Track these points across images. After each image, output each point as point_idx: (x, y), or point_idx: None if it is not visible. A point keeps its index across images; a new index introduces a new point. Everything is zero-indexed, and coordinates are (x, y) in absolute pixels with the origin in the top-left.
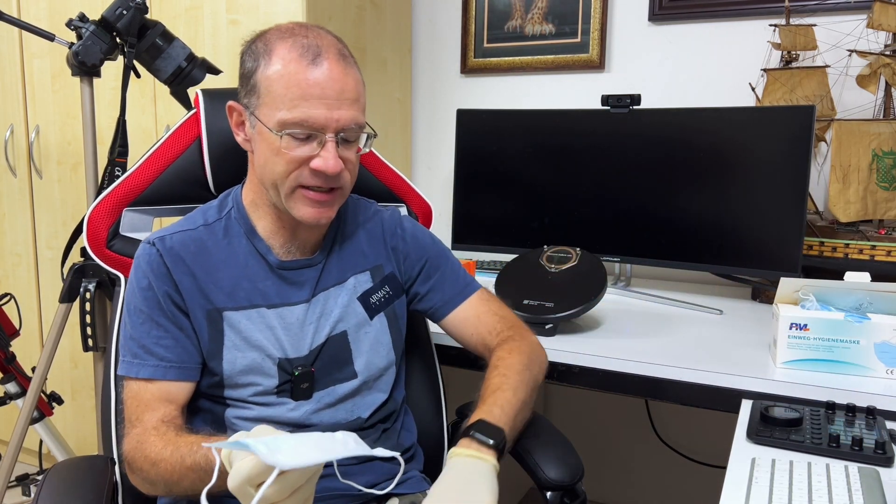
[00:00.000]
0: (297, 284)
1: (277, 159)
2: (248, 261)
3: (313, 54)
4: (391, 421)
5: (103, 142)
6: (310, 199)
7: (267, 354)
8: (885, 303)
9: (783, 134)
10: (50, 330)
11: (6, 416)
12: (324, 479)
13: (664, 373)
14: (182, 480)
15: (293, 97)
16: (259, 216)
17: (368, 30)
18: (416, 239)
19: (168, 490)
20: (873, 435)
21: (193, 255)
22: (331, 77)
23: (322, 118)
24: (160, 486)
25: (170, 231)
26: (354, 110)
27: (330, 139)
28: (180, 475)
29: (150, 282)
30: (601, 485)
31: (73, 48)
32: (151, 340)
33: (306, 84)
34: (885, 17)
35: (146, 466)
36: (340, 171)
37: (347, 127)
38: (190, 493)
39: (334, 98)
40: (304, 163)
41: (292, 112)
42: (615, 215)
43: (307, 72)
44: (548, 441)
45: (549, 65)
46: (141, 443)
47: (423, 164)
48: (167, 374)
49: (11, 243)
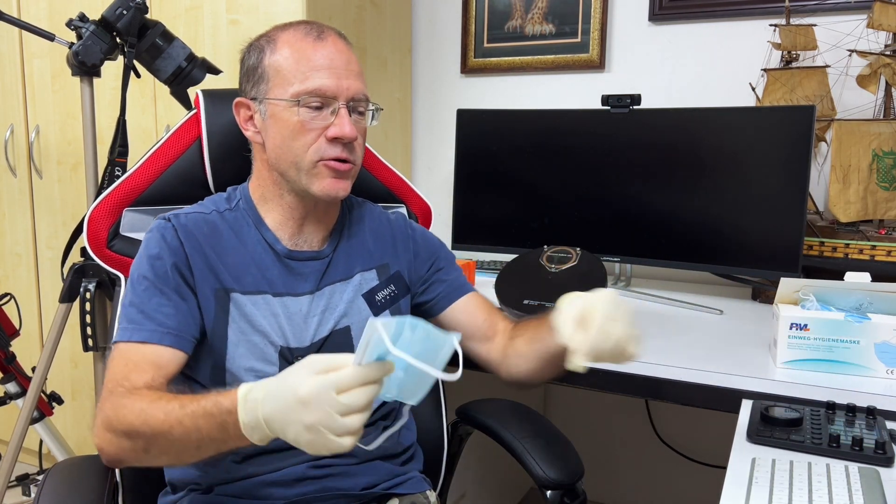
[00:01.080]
0: (303, 275)
1: (295, 135)
2: (256, 248)
3: (317, 32)
4: (390, 419)
5: (103, 142)
6: (331, 170)
7: (269, 341)
8: (886, 303)
9: (783, 134)
10: (50, 330)
11: (6, 416)
12: (323, 479)
13: (664, 373)
14: (189, 434)
15: (304, 70)
16: (268, 209)
17: (368, 30)
18: (427, 239)
19: (175, 458)
20: (873, 435)
21: (206, 235)
22: (336, 50)
23: (334, 86)
24: (152, 448)
25: (184, 211)
26: (361, 82)
27: (342, 106)
28: (186, 427)
29: (160, 252)
30: (601, 485)
31: (73, 48)
32: (152, 307)
33: (315, 56)
34: (886, 17)
35: (136, 423)
36: (356, 137)
37: (357, 96)
38: (197, 456)
39: (342, 68)
40: (321, 134)
41: (305, 83)
42: (615, 215)
43: (314, 46)
44: (548, 441)
45: (549, 65)
46: (127, 403)
47: (423, 164)
48: (163, 338)
49: (11, 243)
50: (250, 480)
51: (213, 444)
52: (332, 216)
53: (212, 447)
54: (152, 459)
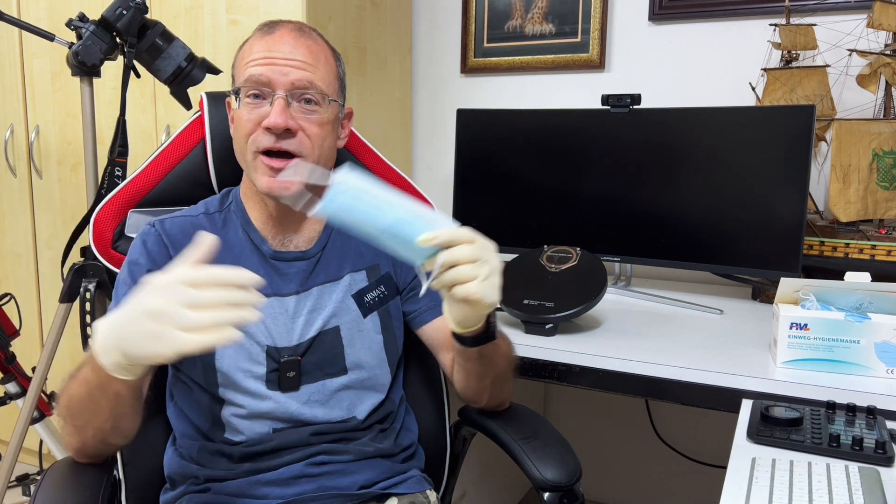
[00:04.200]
0: (289, 276)
1: (238, 126)
2: (242, 250)
3: (270, 26)
4: (389, 422)
5: (103, 142)
6: (266, 167)
7: (255, 341)
8: (886, 303)
9: (783, 134)
10: (50, 330)
11: (6, 416)
12: (320, 477)
13: (664, 373)
14: (82, 388)
15: (246, 62)
16: (251, 206)
17: (368, 30)
18: None
19: (94, 427)
20: (873, 435)
21: (191, 238)
22: (281, 40)
23: (268, 73)
24: (76, 418)
25: (171, 215)
26: (309, 72)
27: (279, 97)
28: (79, 381)
29: (139, 258)
30: (601, 485)
31: (73, 48)
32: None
33: (259, 48)
34: (886, 16)
35: (63, 400)
36: (288, 126)
37: (299, 86)
38: (97, 414)
39: (282, 57)
40: (259, 125)
41: (244, 74)
42: (615, 215)
43: (261, 39)
44: (545, 442)
45: (549, 65)
46: (65, 393)
47: (423, 164)
48: None
49: (11, 243)
50: (247, 479)
51: (98, 392)
52: None
53: (100, 397)
54: (81, 434)
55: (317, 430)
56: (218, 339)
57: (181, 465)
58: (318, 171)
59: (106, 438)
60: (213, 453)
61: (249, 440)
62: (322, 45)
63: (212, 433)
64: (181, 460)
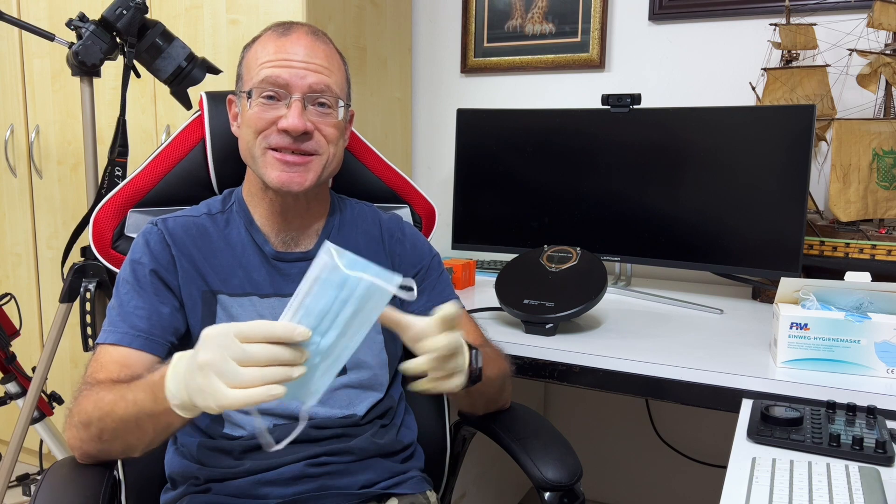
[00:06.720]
0: (291, 277)
1: (250, 125)
2: (244, 250)
3: (285, 28)
4: (388, 418)
5: (103, 142)
6: (278, 162)
7: None
8: (886, 302)
9: (783, 133)
10: (50, 330)
11: (6, 416)
12: (321, 477)
13: (664, 373)
14: (129, 409)
15: (262, 62)
16: (255, 205)
17: (368, 30)
18: (416, 246)
19: (125, 443)
20: (874, 434)
21: (193, 238)
22: (298, 42)
23: (286, 76)
24: (105, 433)
25: (174, 215)
26: (325, 76)
27: (296, 99)
28: (127, 402)
29: (141, 256)
30: (601, 485)
31: (73, 48)
32: (129, 310)
33: (274, 49)
34: (886, 16)
35: (90, 409)
36: (307, 130)
37: (317, 90)
38: (139, 436)
39: (300, 60)
40: (273, 124)
41: (260, 74)
42: (615, 215)
43: (276, 40)
44: (546, 442)
45: (549, 64)
46: (87, 395)
47: (423, 164)
48: (133, 342)
49: (11, 243)
50: (247, 479)
51: (149, 419)
52: (317, 213)
53: (149, 423)
54: (106, 445)
55: (317, 424)
56: (262, 397)
57: (182, 464)
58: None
59: (129, 452)
60: (214, 450)
61: (249, 434)
62: (333, 49)
63: (211, 429)
64: (182, 459)
